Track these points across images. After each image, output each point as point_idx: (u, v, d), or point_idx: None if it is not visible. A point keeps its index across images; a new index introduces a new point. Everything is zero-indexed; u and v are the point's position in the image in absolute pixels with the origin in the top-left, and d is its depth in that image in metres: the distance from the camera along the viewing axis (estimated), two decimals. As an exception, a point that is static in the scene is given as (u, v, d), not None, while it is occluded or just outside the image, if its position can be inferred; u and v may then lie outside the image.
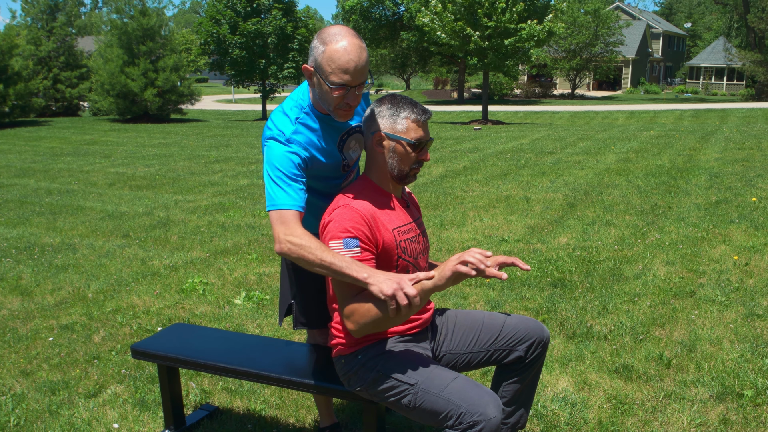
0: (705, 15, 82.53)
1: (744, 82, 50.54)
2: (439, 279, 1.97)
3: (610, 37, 48.34)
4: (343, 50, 2.10)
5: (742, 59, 41.89)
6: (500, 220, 7.08)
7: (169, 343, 2.83)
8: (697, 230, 6.23)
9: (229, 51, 26.83)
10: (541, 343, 2.44)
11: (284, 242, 2.12)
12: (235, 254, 6.01)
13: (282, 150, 2.22)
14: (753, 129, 16.13)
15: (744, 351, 3.66)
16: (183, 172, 11.42)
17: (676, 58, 68.71)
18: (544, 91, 49.82)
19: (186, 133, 20.28)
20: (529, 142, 14.69)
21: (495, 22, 21.64)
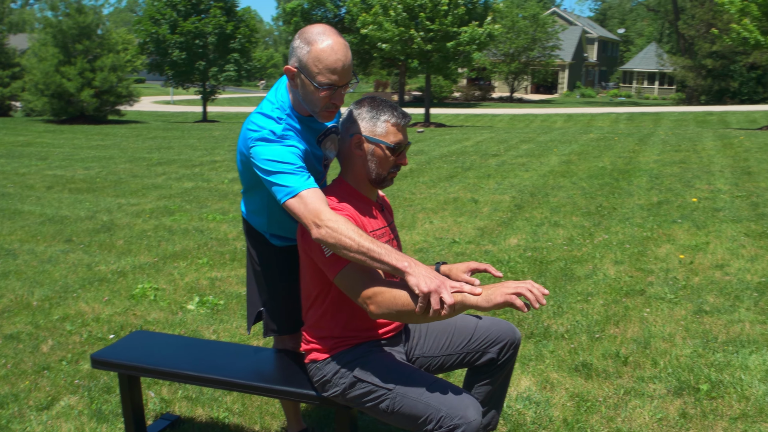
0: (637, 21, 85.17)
1: (674, 87, 52.28)
2: (485, 301, 1.91)
3: (547, 42, 49.38)
4: (330, 50, 2.06)
5: (673, 64, 43.40)
6: (450, 221, 7.13)
7: (130, 351, 2.74)
8: (642, 230, 6.40)
9: (169, 51, 26.30)
10: (513, 344, 2.45)
11: (321, 227, 1.98)
12: (184, 258, 5.88)
13: (278, 145, 2.12)
14: (686, 132, 16.69)
15: (696, 346, 3.77)
16: (125, 174, 11.13)
17: (610, 63, 70.65)
18: (484, 95, 50.50)
19: (125, 134, 19.79)
20: (473, 144, 14.85)
21: (437, 25, 21.82)
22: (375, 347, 2.26)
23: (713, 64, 38.91)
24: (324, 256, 2.08)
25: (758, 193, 7.89)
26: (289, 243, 2.48)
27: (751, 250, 5.62)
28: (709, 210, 7.13)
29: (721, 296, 4.58)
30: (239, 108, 39.22)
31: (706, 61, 39.20)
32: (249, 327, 2.63)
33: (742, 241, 5.91)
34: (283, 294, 2.53)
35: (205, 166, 12.13)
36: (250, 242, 2.55)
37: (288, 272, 2.51)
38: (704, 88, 40.61)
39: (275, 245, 2.49)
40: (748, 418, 3.00)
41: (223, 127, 22.85)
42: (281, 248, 2.49)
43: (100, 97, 24.88)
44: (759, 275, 4.99)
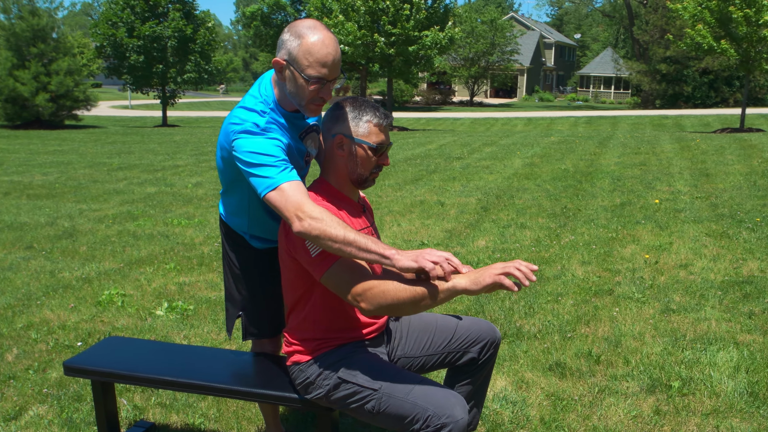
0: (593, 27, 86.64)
1: (630, 91, 53.30)
2: (473, 283, 1.90)
3: (506, 47, 49.97)
4: (321, 43, 2.05)
5: (629, 69, 44.25)
6: (417, 224, 7.15)
7: (104, 357, 2.68)
8: (607, 231, 6.50)
9: (127, 55, 25.86)
10: (493, 344, 2.47)
11: (304, 219, 1.94)
12: (151, 264, 5.79)
13: (261, 138, 2.09)
14: (644, 135, 17.02)
15: (666, 344, 3.83)
16: (85, 180, 10.91)
17: (568, 68, 71.76)
18: (444, 99, 50.86)
19: (83, 140, 19.41)
20: (436, 147, 14.93)
21: (399, 30, 21.92)
22: (359, 348, 2.25)
23: (667, 69, 39.74)
24: (310, 256, 2.06)
25: (717, 194, 8.08)
26: (269, 245, 2.46)
27: (713, 250, 5.75)
28: (670, 211, 7.27)
29: (686, 295, 4.67)
30: (199, 112, 38.79)
31: (660, 66, 40.03)
32: (229, 331, 2.59)
33: (704, 241, 6.04)
34: (263, 297, 2.50)
35: (167, 170, 11.95)
36: (229, 245, 2.52)
37: (268, 275, 2.48)
38: (659, 93, 41.46)
39: (255, 247, 2.46)
40: (720, 413, 3.07)
41: (184, 132, 22.57)
42: (261, 251, 2.47)
43: (56, 101, 24.36)
44: (722, 274, 5.10)
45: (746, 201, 7.63)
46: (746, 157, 10.99)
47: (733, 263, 5.36)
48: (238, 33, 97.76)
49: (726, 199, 7.77)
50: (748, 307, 4.41)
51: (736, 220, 6.73)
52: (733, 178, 9.18)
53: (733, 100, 39.22)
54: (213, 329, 4.26)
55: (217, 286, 5.14)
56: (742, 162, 10.53)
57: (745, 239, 6.03)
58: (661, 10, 39.00)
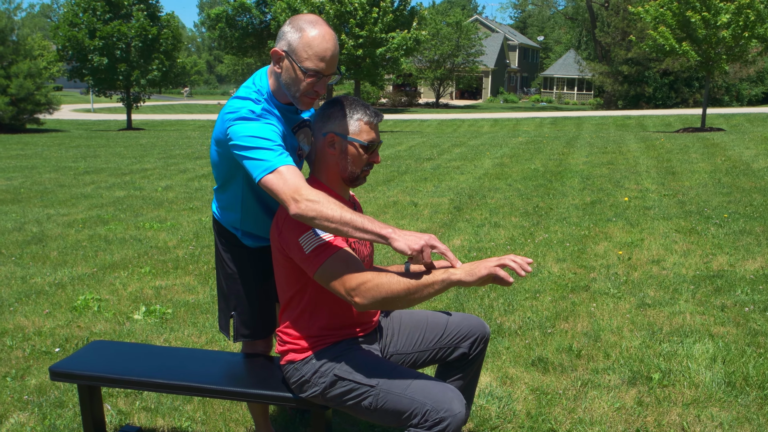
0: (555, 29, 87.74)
1: (593, 92, 54.11)
2: (468, 274, 1.91)
3: (471, 48, 50.35)
4: (321, 38, 2.08)
5: (592, 71, 44.89)
6: (392, 225, 7.15)
7: (90, 361, 2.65)
8: (579, 229, 6.60)
9: (89, 57, 25.41)
10: (483, 338, 2.50)
11: (301, 201, 1.92)
12: (125, 268, 5.72)
13: (257, 123, 2.10)
14: (609, 135, 17.29)
15: (644, 338, 3.91)
16: (51, 184, 10.72)
17: (531, 69, 72.57)
18: (410, 100, 51.05)
19: (46, 144, 19.06)
20: (406, 149, 14.98)
21: (367, 32, 21.96)
22: (353, 345, 2.26)
23: (629, 70, 40.45)
24: (303, 253, 2.07)
25: (683, 192, 8.26)
26: (262, 243, 2.45)
27: (683, 246, 5.87)
28: (640, 208, 7.41)
29: (660, 290, 4.77)
30: (164, 115, 38.35)
31: (622, 67, 40.72)
32: (225, 330, 2.58)
33: (674, 237, 6.17)
34: (256, 297, 2.49)
35: (135, 174, 11.80)
36: (222, 245, 2.51)
37: (261, 275, 2.48)
38: (621, 94, 42.17)
39: (248, 246, 2.46)
40: (700, 403, 3.14)
41: (150, 135, 22.30)
42: (254, 250, 2.46)
43: (16, 105, 23.88)
44: (693, 269, 5.22)
45: (712, 198, 7.81)
46: (710, 156, 11.24)
47: (703, 258, 5.49)
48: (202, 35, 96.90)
49: (693, 197, 7.94)
50: (720, 300, 4.52)
51: (703, 217, 6.88)
52: (699, 176, 9.38)
53: (692, 100, 40.06)
54: (193, 332, 4.23)
55: (194, 290, 5.10)
56: (706, 160, 10.77)
57: (713, 235, 6.17)
58: (623, 12, 39.69)
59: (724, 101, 40.86)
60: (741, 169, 9.66)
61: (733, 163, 10.26)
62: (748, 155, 10.99)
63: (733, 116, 25.90)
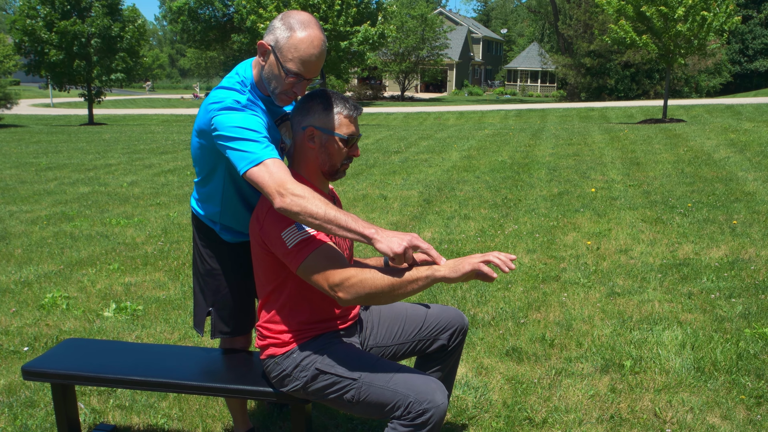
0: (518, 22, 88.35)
1: (556, 84, 54.67)
2: (452, 271, 1.92)
3: (435, 41, 50.47)
4: (309, 42, 2.07)
5: (555, 63, 45.34)
6: (362, 218, 7.15)
7: (64, 360, 2.61)
8: (548, 220, 6.67)
9: (46, 51, 24.81)
10: (462, 330, 2.52)
11: (286, 195, 1.92)
12: (92, 265, 5.62)
13: (242, 113, 2.08)
14: (574, 127, 17.48)
15: (614, 326, 3.98)
16: (12, 181, 10.49)
17: (495, 62, 73.00)
18: (375, 94, 51.00)
19: (5, 139, 18.63)
20: (373, 142, 14.97)
21: (331, 25, 21.88)
22: (334, 338, 2.26)
23: (591, 62, 40.93)
24: (286, 247, 2.06)
25: (648, 182, 8.40)
26: (240, 238, 2.44)
27: (649, 235, 5.97)
28: (606, 199, 7.52)
29: (629, 278, 4.85)
30: (126, 110, 37.76)
31: (584, 59, 41.18)
32: (199, 327, 2.55)
33: (641, 227, 6.28)
34: (236, 293, 2.47)
35: (99, 170, 11.61)
36: (200, 240, 2.49)
37: (240, 270, 2.46)
38: (584, 86, 42.67)
39: (226, 242, 2.44)
40: (671, 389, 3.20)
41: (113, 130, 21.92)
42: (233, 245, 2.44)
43: (-28, 100, 23.29)
44: (660, 258, 5.31)
45: (676, 188, 7.96)
46: (672, 146, 11.44)
47: (669, 247, 5.59)
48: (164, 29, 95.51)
49: (657, 187, 8.08)
50: (687, 287, 4.61)
51: (668, 206, 7.01)
52: (662, 166, 9.55)
53: (653, 92, 40.71)
54: (165, 328, 4.19)
55: (165, 286, 5.04)
56: (669, 151, 10.96)
57: (678, 224, 6.29)
58: (584, 5, 40.11)
59: (684, 93, 41.62)
60: (703, 159, 9.86)
61: (695, 154, 10.46)
62: (709, 145, 11.21)
63: (693, 107, 26.37)
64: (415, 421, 2.00)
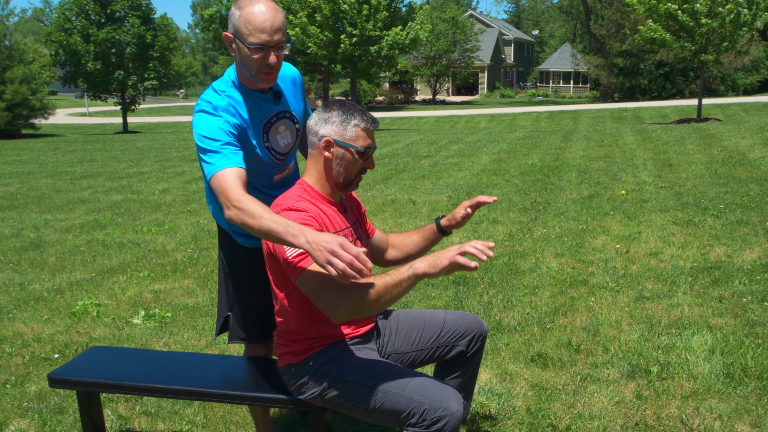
0: (550, 23, 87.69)
1: (589, 85, 54.13)
2: (431, 266, 1.90)
3: (466, 44, 50.29)
4: (258, 12, 2.12)
5: (587, 64, 44.91)
6: (390, 223, 7.17)
7: (89, 367, 2.65)
8: (577, 223, 6.60)
9: (83, 62, 25.38)
10: (481, 336, 2.50)
11: (230, 207, 2.01)
12: (123, 273, 5.72)
13: (210, 119, 2.17)
14: (606, 128, 17.29)
15: (642, 331, 3.92)
16: (47, 189, 10.72)
17: (527, 64, 72.53)
18: (407, 98, 51.02)
19: (42, 149, 19.04)
20: (403, 146, 14.98)
21: (360, 30, 21.95)
22: (350, 346, 2.26)
23: (624, 62, 40.46)
24: (286, 258, 2.07)
25: (680, 183, 8.26)
26: (256, 244, 2.45)
27: (680, 238, 5.87)
28: (637, 201, 7.41)
29: (658, 282, 4.77)
30: (160, 118, 38.32)
31: (617, 59, 40.72)
32: (217, 332, 2.58)
33: (672, 229, 6.17)
34: (252, 298, 2.49)
35: (132, 177, 11.80)
36: (220, 244, 2.53)
37: (258, 275, 2.48)
38: (617, 86, 42.18)
39: (243, 246, 2.46)
40: (698, 395, 3.14)
41: (146, 138, 22.28)
42: (250, 249, 2.46)
43: (11, 110, 23.85)
44: (691, 261, 5.22)
45: (709, 189, 7.82)
46: (706, 147, 11.24)
47: (700, 250, 5.49)
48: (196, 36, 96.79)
49: (689, 188, 7.94)
50: (718, 291, 4.52)
51: (700, 208, 6.89)
52: (695, 167, 9.39)
53: (688, 91, 40.08)
54: (193, 335, 4.23)
55: (193, 293, 5.10)
56: (703, 151, 10.77)
57: (710, 226, 6.18)
58: (616, 4, 39.65)
59: (720, 91, 40.90)
60: (737, 160, 9.67)
61: (730, 154, 10.26)
62: (744, 145, 10.99)
63: (729, 106, 25.91)
64: (430, 428, 2.00)
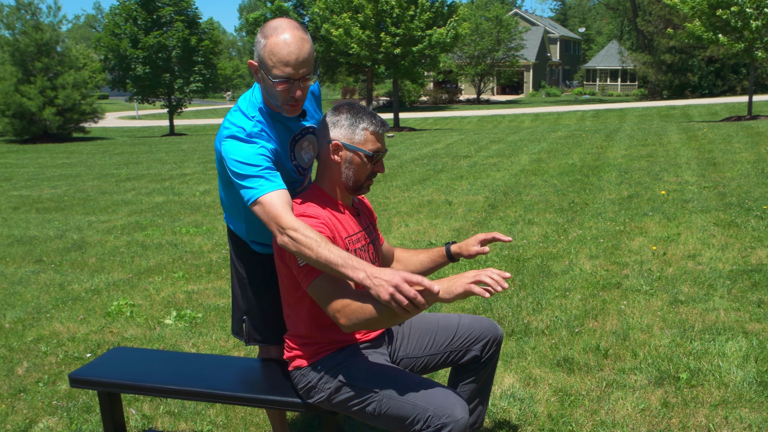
0: (596, 20, 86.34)
1: (636, 83, 53.05)
2: (446, 293, 1.88)
3: (511, 43, 49.83)
4: (283, 43, 2.05)
5: (634, 61, 44.03)
6: (425, 224, 7.14)
7: (109, 368, 2.70)
8: (614, 224, 6.47)
9: (132, 66, 26.01)
10: (495, 341, 2.46)
11: (284, 235, 1.99)
12: (159, 273, 5.82)
13: (245, 146, 2.12)
14: (651, 126, 16.94)
15: (674, 336, 3.81)
16: (93, 191, 10.98)
17: (573, 62, 71.51)
18: (451, 97, 50.78)
19: (91, 151, 19.53)
20: (444, 146, 14.91)
21: (403, 30, 21.94)
22: (359, 350, 2.25)
23: (672, 59, 39.53)
24: (298, 265, 2.08)
25: (724, 183, 8.03)
26: (271, 250, 2.46)
27: (721, 239, 5.71)
28: (678, 201, 7.23)
29: (695, 286, 4.64)
30: (206, 120, 38.94)
31: (665, 56, 39.82)
32: (237, 334, 2.60)
33: (712, 230, 6.01)
34: (268, 302, 2.50)
35: (175, 179, 12.01)
36: (233, 249, 2.54)
37: (272, 280, 2.48)
38: (665, 83, 41.24)
39: (257, 252, 2.47)
40: (728, 404, 3.04)
41: (192, 140, 22.66)
42: (264, 255, 2.47)
43: (63, 115, 24.52)
44: (730, 263, 5.07)
45: (754, 189, 7.58)
46: (753, 145, 10.92)
47: (741, 252, 5.33)
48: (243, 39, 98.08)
49: (734, 188, 7.72)
50: (757, 295, 4.38)
51: (744, 209, 6.69)
52: (741, 166, 9.12)
53: (740, 87, 38.96)
54: (222, 336, 4.28)
55: (225, 293, 5.15)
56: (750, 150, 10.46)
57: (753, 227, 5.99)
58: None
59: (774, 88, 39.64)
60: (787, 158, 9.36)
61: (779, 152, 9.95)
62: (795, 143, 10.65)
63: (783, 103, 25.12)
64: (434, 435, 1.97)
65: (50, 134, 24.78)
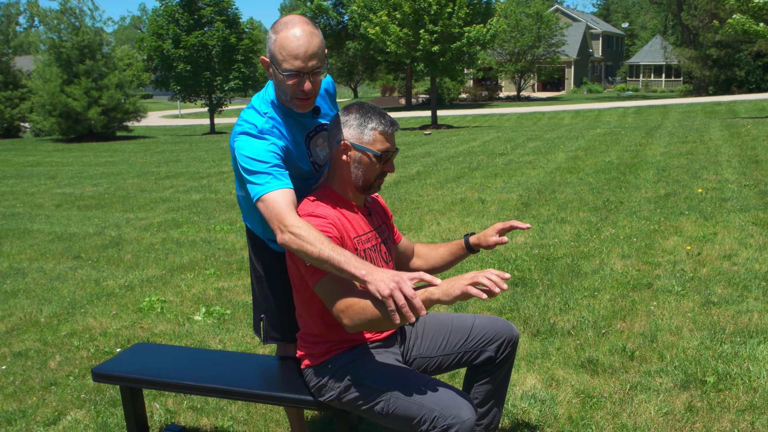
0: (640, 15, 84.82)
1: (681, 78, 51.97)
2: (445, 294, 1.88)
3: (551, 39, 49.26)
4: (293, 37, 2.08)
5: (679, 56, 43.19)
6: (457, 222, 7.11)
7: (131, 363, 2.75)
8: (649, 223, 6.36)
9: (174, 65, 26.47)
10: (510, 342, 2.44)
11: (285, 232, 2.01)
12: (192, 270, 5.90)
13: (256, 141, 2.15)
14: (694, 123, 16.59)
15: (703, 338, 3.73)
16: (133, 189, 11.20)
17: (616, 57, 70.37)
18: (491, 94, 50.40)
19: (133, 150, 19.92)
20: (480, 144, 14.83)
21: (441, 27, 21.88)
22: (369, 350, 2.26)
23: (718, 53, 38.65)
24: (305, 264, 2.09)
25: (766, 182, 7.82)
26: (288, 248, 2.48)
27: (759, 239, 5.56)
28: (716, 200, 7.07)
29: (729, 287, 4.54)
30: (247, 119, 39.32)
31: (711, 51, 38.96)
32: (260, 335, 2.63)
33: (750, 230, 5.86)
34: (284, 301, 2.52)
35: (212, 177, 12.17)
36: (252, 247, 2.57)
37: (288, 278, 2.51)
38: (711, 79, 40.35)
39: (275, 250, 2.49)
40: (756, 409, 2.97)
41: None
42: (281, 253, 2.49)
43: (107, 114, 25.06)
44: (767, 264, 4.94)
45: (797, 187, 7.37)
46: (800, 142, 10.62)
47: (779, 252, 5.19)
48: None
49: (776, 186, 7.52)
50: (794, 297, 4.26)
51: (785, 208, 6.51)
52: (785, 164, 8.87)
53: (790, 82, 37.91)
54: (248, 333, 4.33)
55: (254, 290, 5.21)
56: (796, 147, 10.17)
57: (793, 227, 5.83)
58: (711, -7, 37.93)
59: (825, 82, 38.47)
60: (833, 156, 9.08)
61: (826, 150, 9.65)
62: (842, 140, 10.32)
63: (834, 98, 24.35)
64: (440, 436, 1.97)
65: (95, 133, 25.35)
